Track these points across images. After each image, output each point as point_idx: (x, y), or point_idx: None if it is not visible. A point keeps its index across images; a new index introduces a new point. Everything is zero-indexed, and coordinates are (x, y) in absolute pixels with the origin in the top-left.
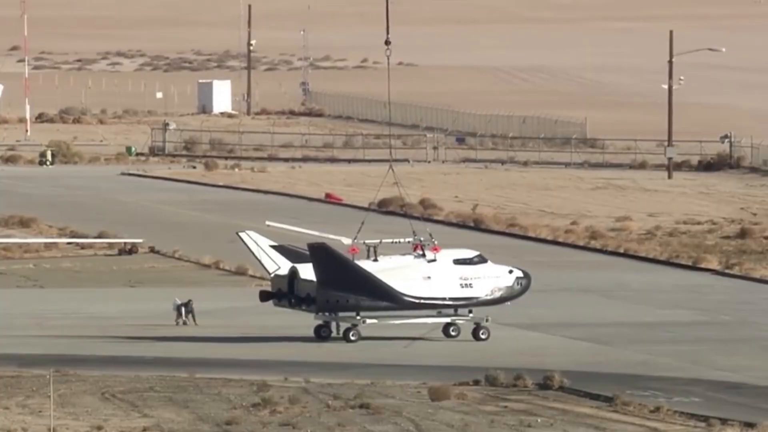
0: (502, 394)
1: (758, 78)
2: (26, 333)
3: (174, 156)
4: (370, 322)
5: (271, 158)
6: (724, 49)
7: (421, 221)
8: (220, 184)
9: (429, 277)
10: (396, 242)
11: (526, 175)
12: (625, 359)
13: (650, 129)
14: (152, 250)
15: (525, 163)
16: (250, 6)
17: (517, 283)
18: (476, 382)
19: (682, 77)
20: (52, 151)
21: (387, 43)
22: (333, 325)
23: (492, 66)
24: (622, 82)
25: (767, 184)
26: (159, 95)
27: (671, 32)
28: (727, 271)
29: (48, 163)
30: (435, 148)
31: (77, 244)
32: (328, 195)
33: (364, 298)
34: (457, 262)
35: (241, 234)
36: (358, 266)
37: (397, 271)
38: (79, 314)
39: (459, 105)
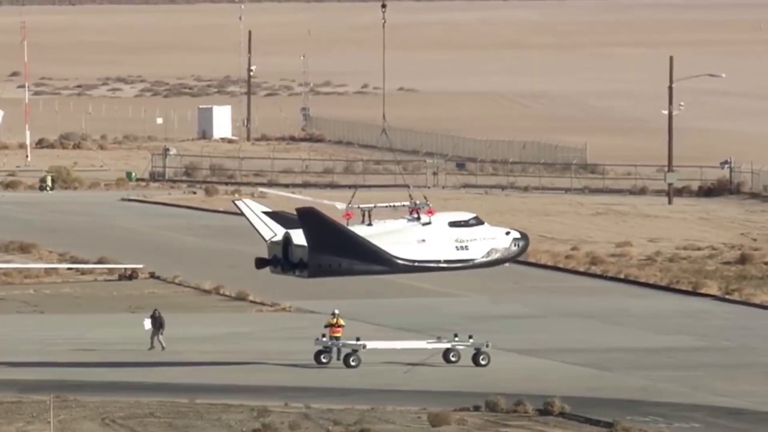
0: (503, 419)
1: (758, 104)
2: (27, 358)
3: (174, 181)
4: (371, 347)
5: (272, 184)
6: (724, 75)
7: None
8: (221, 209)
9: (423, 240)
10: (391, 206)
11: (527, 201)
12: (625, 385)
13: (650, 154)
14: (152, 275)
15: (525, 189)
16: (250, 32)
17: (514, 244)
18: (476, 408)
19: (682, 103)
20: (52, 176)
21: (383, 6)
22: (334, 350)
23: (493, 91)
24: (622, 108)
25: (767, 210)
26: (159, 121)
27: (671, 58)
28: (727, 296)
29: (48, 188)
30: (435, 173)
31: (77, 269)
32: None
33: (357, 262)
34: (453, 224)
35: (237, 202)
36: (349, 230)
37: (390, 235)
38: (79, 340)
39: (459, 130)
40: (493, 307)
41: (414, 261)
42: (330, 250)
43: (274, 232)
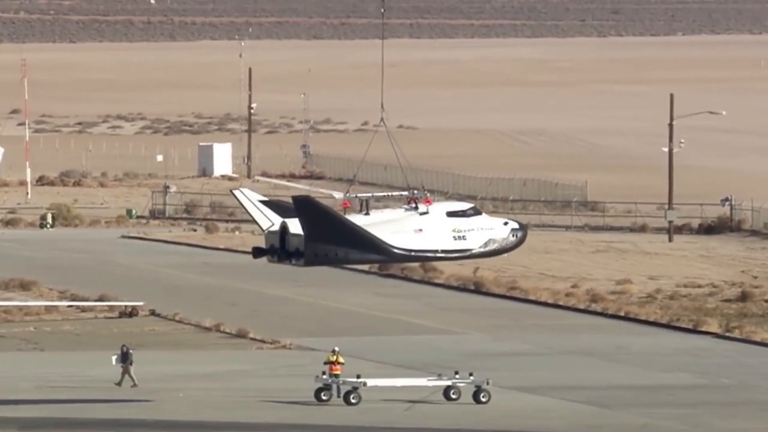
0: None
1: (759, 141)
2: (27, 396)
3: (174, 219)
4: (371, 385)
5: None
6: (724, 113)
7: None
8: (221, 247)
9: (420, 230)
10: (388, 195)
11: (527, 239)
12: (625, 422)
13: (651, 192)
14: (153, 313)
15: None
16: (250, 69)
17: (513, 235)
18: None
19: (682, 140)
20: (52, 214)
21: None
22: (334, 388)
23: (493, 129)
24: (622, 145)
25: None
26: (159, 158)
27: (671, 95)
28: (727, 334)
29: (48, 226)
30: None
31: (78, 307)
32: None
33: (353, 251)
34: (450, 214)
35: (234, 191)
36: (346, 219)
37: (387, 224)
38: (80, 377)
39: (459, 168)
40: (494, 345)
41: (411, 250)
42: (326, 238)
43: (272, 221)
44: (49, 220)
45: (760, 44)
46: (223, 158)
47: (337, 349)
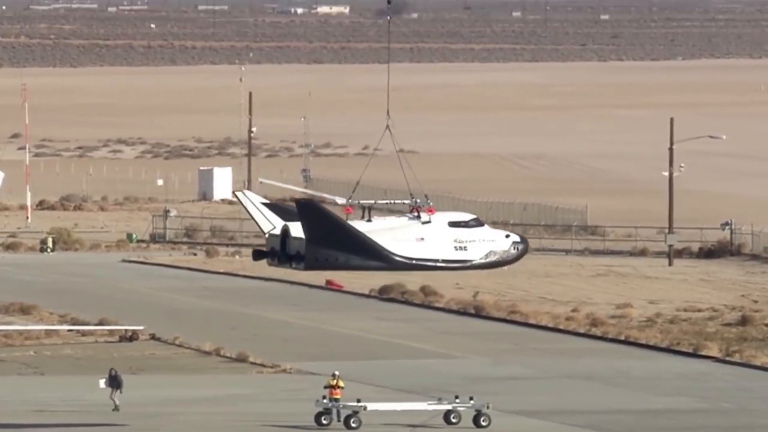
0: None
1: (759, 165)
2: (27, 420)
3: (175, 243)
4: (372, 409)
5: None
6: (724, 137)
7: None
8: (221, 271)
9: (422, 239)
10: (391, 203)
11: (527, 263)
12: None
13: (651, 216)
14: (153, 337)
15: None
16: (250, 93)
17: (514, 248)
18: None
19: (682, 164)
20: (53, 238)
21: (389, 2)
22: (334, 412)
23: (493, 153)
24: (622, 170)
25: None
26: (160, 182)
27: (671, 120)
28: (727, 358)
29: (49, 250)
30: None
31: (78, 331)
32: (328, 281)
33: (354, 257)
34: (453, 224)
35: (237, 193)
36: (348, 224)
37: (389, 232)
38: (80, 401)
39: (460, 192)
40: (494, 369)
41: (412, 259)
42: (328, 243)
43: (273, 224)
44: (50, 244)
45: (759, 69)
46: (224, 182)
47: (337, 373)
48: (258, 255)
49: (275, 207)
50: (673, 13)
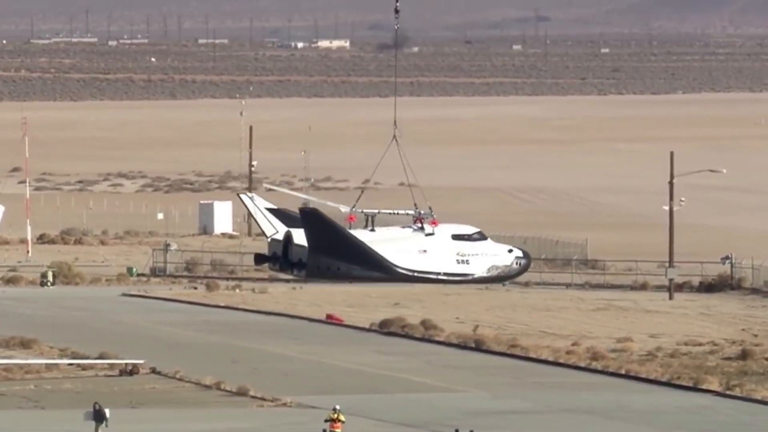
0: None
1: (759, 199)
2: None
3: (175, 277)
4: None
5: (272, 279)
6: (725, 170)
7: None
8: (221, 304)
9: (425, 251)
10: (395, 213)
11: (527, 296)
12: None
13: (651, 250)
14: (153, 371)
15: (526, 284)
16: (251, 127)
17: (516, 263)
18: None
19: (683, 198)
20: (53, 272)
21: (396, 11)
22: None
23: (493, 187)
24: (623, 203)
25: None
26: (160, 216)
27: (672, 153)
28: (728, 392)
29: (49, 284)
30: None
31: (78, 365)
32: (329, 316)
33: (356, 267)
34: (456, 237)
35: (242, 196)
36: (351, 234)
37: (392, 243)
38: None
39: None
40: (494, 403)
41: (413, 271)
42: (330, 252)
43: (276, 229)
44: (50, 278)
45: (760, 102)
46: (224, 216)
47: (337, 407)
48: (260, 259)
49: (279, 213)
50: (673, 47)
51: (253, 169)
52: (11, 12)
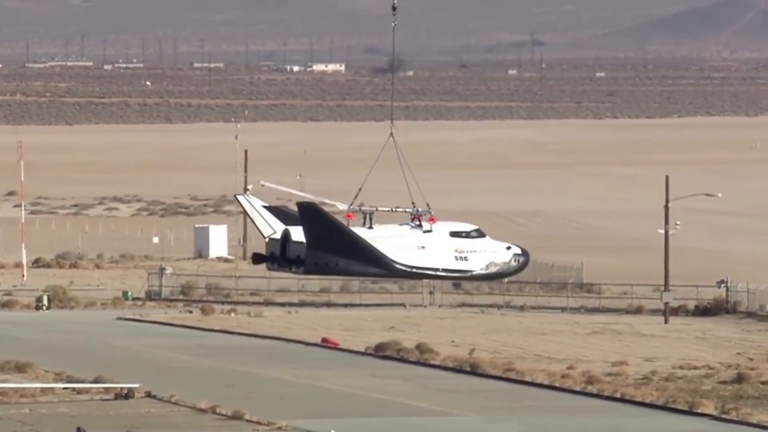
0: None
1: (754, 223)
2: None
3: (170, 301)
4: None
5: (268, 303)
6: (720, 195)
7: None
8: (217, 328)
9: (423, 247)
10: (393, 211)
11: (523, 320)
12: None
13: (647, 274)
14: (149, 394)
15: (521, 308)
16: (246, 151)
17: (515, 260)
18: None
19: (678, 222)
20: (48, 295)
21: (394, 8)
22: None
23: (489, 211)
24: (618, 227)
25: (764, 329)
26: (155, 240)
27: (667, 177)
28: (723, 416)
29: (44, 308)
30: (431, 292)
31: (73, 389)
32: (324, 339)
33: (354, 263)
34: (454, 234)
35: (238, 197)
36: (350, 230)
37: (390, 239)
38: None
39: None
40: (490, 427)
41: (412, 267)
42: (328, 247)
43: (274, 229)
44: (45, 302)
45: (755, 126)
46: (219, 240)
47: (333, 431)
48: (258, 259)
49: (277, 211)
50: (668, 71)
51: (248, 192)
52: (6, 36)
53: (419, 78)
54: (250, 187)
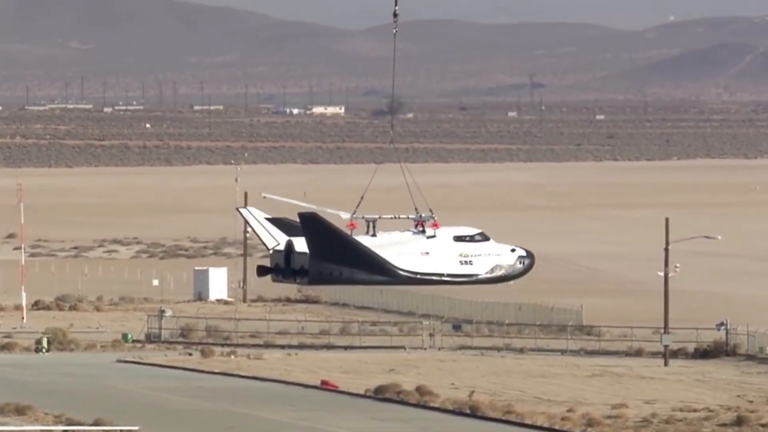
0: None
1: (754, 265)
2: None
3: (170, 343)
4: None
5: (268, 345)
6: (719, 237)
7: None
8: (217, 371)
9: (427, 253)
10: (396, 218)
11: (522, 363)
12: None
13: (646, 316)
14: None
15: (521, 350)
16: (246, 193)
17: (520, 262)
18: None
19: (678, 264)
20: (48, 338)
21: (395, 15)
22: None
23: None
24: (618, 270)
25: (763, 372)
26: (155, 282)
27: (667, 220)
28: None
29: (44, 350)
30: (431, 335)
31: (73, 431)
32: (324, 382)
33: (359, 272)
34: (458, 238)
35: (241, 210)
36: (352, 238)
37: (394, 246)
38: None
39: (455, 292)
40: None
41: (417, 273)
42: (331, 257)
43: (277, 240)
44: (45, 344)
45: (754, 169)
46: (219, 282)
47: None
48: (262, 271)
49: (279, 222)
50: (668, 113)
51: (248, 235)
52: (6, 78)
53: (419, 120)
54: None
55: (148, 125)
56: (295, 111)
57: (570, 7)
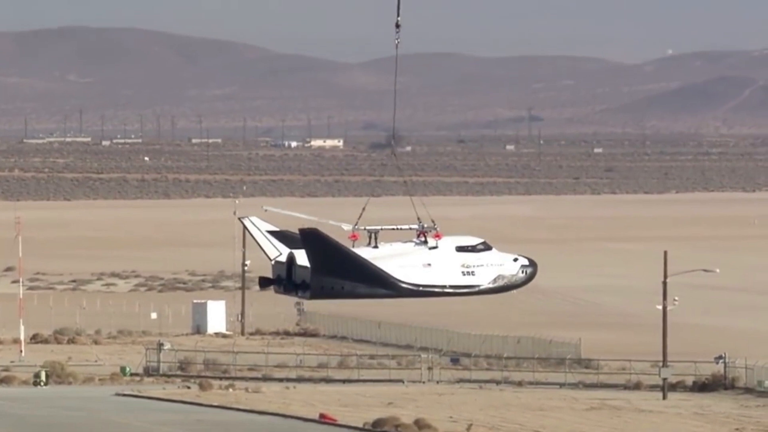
0: None
1: (752, 299)
2: None
3: (168, 376)
4: None
5: (266, 378)
6: (718, 270)
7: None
8: (215, 404)
9: (429, 264)
10: (397, 229)
11: (521, 396)
12: None
13: (645, 349)
14: None
15: (519, 384)
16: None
17: (522, 271)
18: None
19: (676, 298)
20: (46, 371)
21: (397, 26)
22: None
23: None
24: (616, 303)
25: (762, 405)
26: (153, 316)
27: (665, 253)
28: None
29: (42, 383)
30: (430, 368)
31: None
32: (322, 415)
33: (360, 285)
34: (460, 249)
35: (243, 219)
36: (353, 252)
37: (395, 258)
38: None
39: (454, 325)
40: None
41: (419, 285)
42: (333, 271)
43: (279, 251)
44: (43, 377)
45: (753, 202)
46: (217, 316)
47: None
48: (264, 282)
49: (281, 235)
50: (666, 146)
51: (246, 268)
52: (5, 112)
53: (417, 153)
54: (248, 262)
55: (146, 158)
56: (294, 144)
57: (569, 40)
